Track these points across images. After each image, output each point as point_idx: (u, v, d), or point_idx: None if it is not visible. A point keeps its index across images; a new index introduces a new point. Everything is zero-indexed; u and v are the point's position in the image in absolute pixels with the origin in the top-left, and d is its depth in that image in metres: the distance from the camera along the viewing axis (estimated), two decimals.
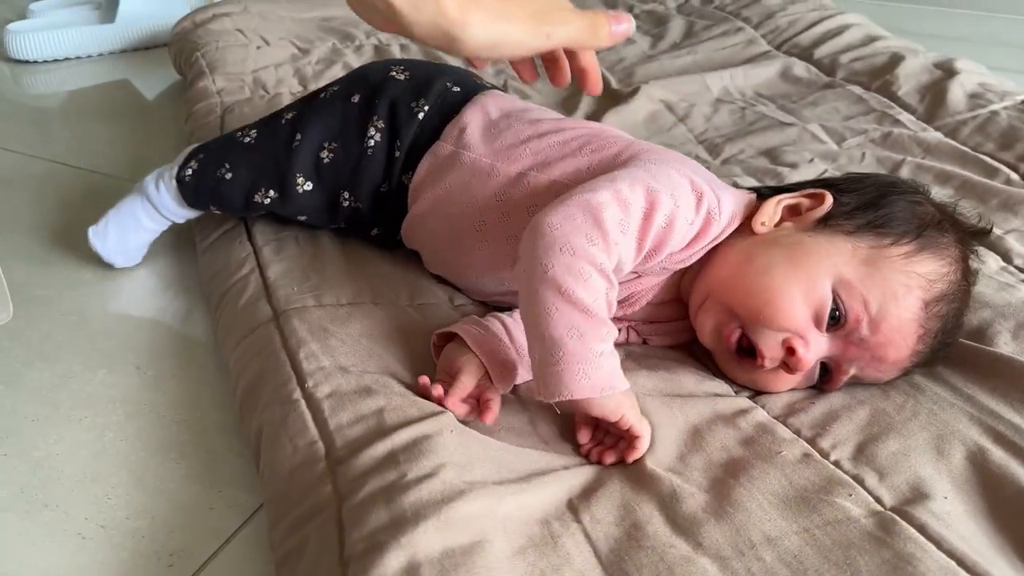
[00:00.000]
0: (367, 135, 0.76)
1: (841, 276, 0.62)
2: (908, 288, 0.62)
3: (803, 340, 0.62)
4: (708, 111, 1.14)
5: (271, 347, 0.68)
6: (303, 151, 0.77)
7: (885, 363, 0.63)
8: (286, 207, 0.78)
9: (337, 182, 0.77)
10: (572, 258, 0.57)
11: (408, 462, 0.54)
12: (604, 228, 0.59)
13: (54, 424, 0.70)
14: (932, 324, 0.62)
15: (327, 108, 0.79)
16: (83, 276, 0.90)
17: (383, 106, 0.76)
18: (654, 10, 1.52)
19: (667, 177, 0.64)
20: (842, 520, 0.53)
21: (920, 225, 0.64)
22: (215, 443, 0.69)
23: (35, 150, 1.19)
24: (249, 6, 1.42)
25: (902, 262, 0.62)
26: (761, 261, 0.64)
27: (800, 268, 0.63)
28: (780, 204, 0.68)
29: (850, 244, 0.63)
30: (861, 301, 0.61)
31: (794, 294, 0.62)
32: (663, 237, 0.62)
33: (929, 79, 1.18)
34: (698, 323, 0.67)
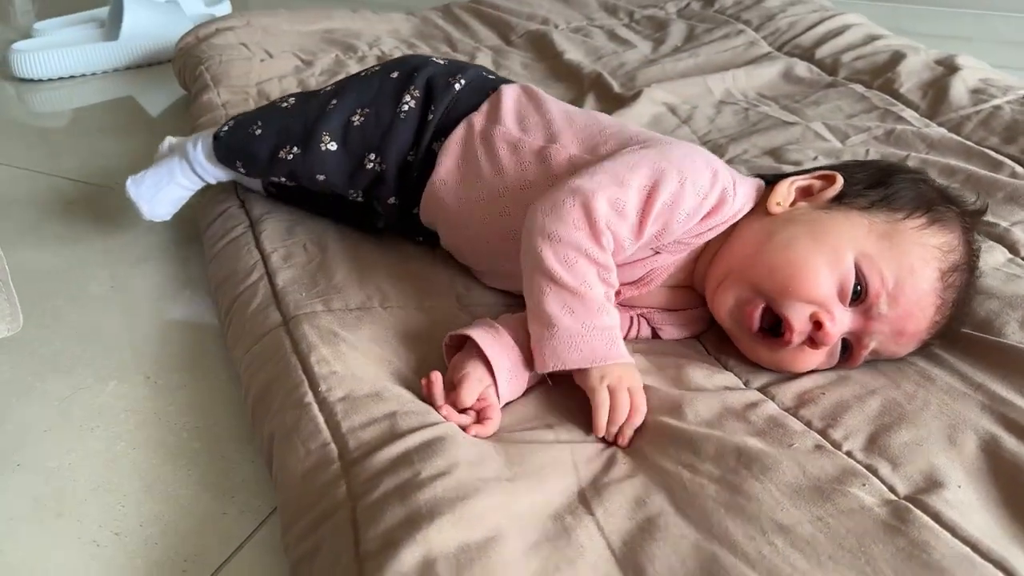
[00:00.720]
0: (402, 101, 0.79)
1: (862, 250, 0.63)
2: (925, 260, 0.63)
3: (830, 314, 0.63)
4: (711, 112, 1.15)
5: (281, 352, 0.68)
6: (335, 114, 0.79)
7: (904, 335, 0.64)
8: (306, 164, 0.79)
9: (364, 145, 0.79)
10: (559, 245, 0.62)
11: (422, 461, 0.54)
12: (592, 215, 0.63)
13: (67, 434, 0.71)
14: (948, 294, 0.64)
15: (366, 81, 0.82)
16: (92, 289, 0.90)
17: (421, 79, 0.80)
18: (655, 15, 1.53)
19: (679, 156, 0.67)
20: (856, 509, 0.53)
21: (927, 201, 0.66)
22: (227, 450, 0.69)
23: (42, 167, 1.19)
24: (252, 20, 1.43)
25: (917, 235, 0.64)
26: (782, 236, 0.66)
27: (822, 242, 0.64)
28: (793, 185, 0.69)
29: (866, 219, 0.65)
30: (880, 275, 0.63)
31: (820, 265, 0.63)
32: (670, 213, 0.65)
33: (931, 76, 1.18)
34: (718, 302, 0.68)
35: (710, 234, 0.69)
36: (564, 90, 1.24)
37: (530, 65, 1.35)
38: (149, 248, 0.98)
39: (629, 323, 0.72)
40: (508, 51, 1.41)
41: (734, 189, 0.68)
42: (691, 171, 0.66)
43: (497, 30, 1.49)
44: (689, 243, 0.69)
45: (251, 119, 0.84)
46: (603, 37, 1.44)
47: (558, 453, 0.58)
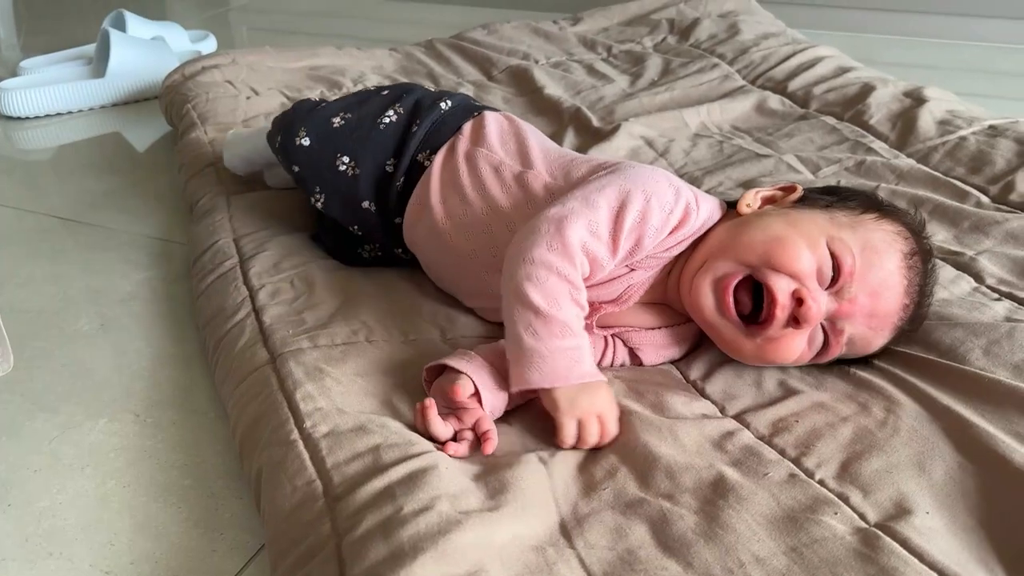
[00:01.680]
0: (384, 114, 0.85)
1: (831, 234, 0.67)
2: (887, 243, 0.68)
3: (810, 291, 0.66)
4: (687, 145, 1.17)
5: (268, 390, 0.70)
6: (319, 114, 0.86)
7: (876, 317, 0.67)
8: (284, 153, 0.87)
9: (337, 146, 0.84)
10: (532, 266, 0.65)
11: (404, 496, 0.55)
12: (566, 236, 0.66)
13: (56, 474, 0.72)
14: (912, 276, 0.68)
15: (359, 94, 0.91)
16: (81, 327, 0.92)
17: (408, 99, 0.87)
18: (632, 49, 1.56)
19: (643, 177, 0.71)
20: (828, 538, 0.55)
21: (876, 203, 0.72)
22: (215, 487, 0.70)
23: (29, 205, 1.21)
24: (238, 58, 1.45)
25: (874, 223, 0.69)
26: (759, 223, 0.71)
27: (795, 227, 0.69)
28: (758, 194, 0.74)
29: (828, 215, 0.70)
30: (851, 254, 0.66)
31: (799, 242, 0.67)
32: (640, 231, 0.68)
33: (899, 108, 1.21)
34: (696, 287, 0.69)
35: (679, 248, 0.72)
36: (545, 124, 1.27)
37: (511, 99, 1.38)
38: (137, 285, 0.99)
39: (605, 345, 0.74)
40: (490, 86, 1.44)
41: (696, 203, 0.72)
42: (655, 189, 0.70)
43: (479, 65, 1.52)
44: (661, 257, 0.73)
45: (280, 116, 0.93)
46: (582, 72, 1.47)
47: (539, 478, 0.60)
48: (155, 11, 2.28)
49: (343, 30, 2.09)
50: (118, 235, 1.11)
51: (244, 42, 2.06)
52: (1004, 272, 0.85)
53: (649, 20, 1.71)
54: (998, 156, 1.05)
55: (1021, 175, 1.01)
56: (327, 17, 2.22)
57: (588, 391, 0.64)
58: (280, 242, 0.93)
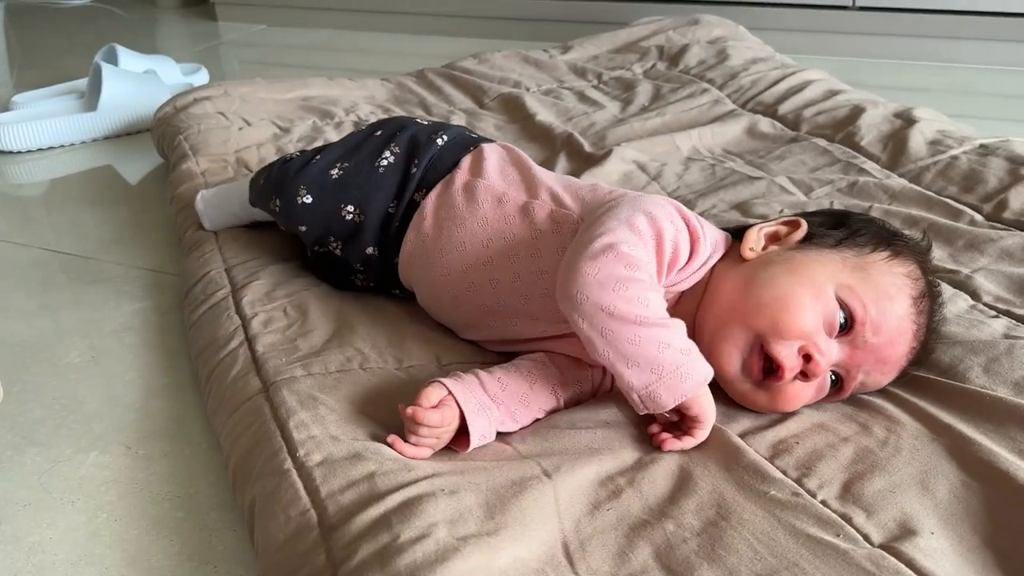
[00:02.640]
0: (381, 156, 0.84)
1: (841, 281, 0.66)
2: (898, 288, 0.67)
3: (817, 346, 0.65)
4: (679, 169, 1.18)
5: (261, 419, 0.69)
6: (315, 168, 0.85)
7: (887, 364, 0.67)
8: (288, 215, 0.85)
9: (341, 197, 0.82)
10: (624, 289, 0.62)
11: (401, 524, 0.54)
12: (633, 257, 0.64)
13: (47, 508, 0.70)
14: (921, 319, 0.68)
15: (351, 139, 0.89)
16: (72, 360, 0.91)
17: (403, 137, 0.85)
18: (622, 76, 1.57)
19: (660, 205, 0.70)
20: (832, 556, 0.54)
21: (885, 237, 0.71)
22: (209, 519, 0.69)
23: (21, 238, 1.20)
24: (229, 89, 1.46)
25: (885, 265, 0.68)
26: (763, 276, 0.68)
27: (802, 277, 0.67)
28: (762, 231, 0.73)
29: (837, 255, 0.69)
30: (862, 304, 0.65)
31: (803, 300, 0.66)
32: (673, 259, 0.68)
33: (890, 128, 1.22)
34: (717, 351, 0.68)
35: (685, 283, 0.71)
36: (537, 150, 1.27)
37: (503, 127, 1.38)
38: (129, 317, 0.98)
39: (604, 372, 0.74)
40: (481, 114, 1.44)
41: (703, 233, 0.71)
42: (676, 219, 0.69)
43: (470, 94, 1.52)
44: (667, 289, 0.71)
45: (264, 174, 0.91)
46: (573, 99, 1.48)
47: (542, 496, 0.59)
48: (147, 45, 2.29)
49: (335, 63, 2.10)
50: (110, 267, 1.11)
51: (236, 75, 2.07)
52: (1000, 289, 0.85)
53: (638, 47, 1.72)
54: (990, 175, 1.06)
55: (1014, 193, 1.01)
56: (318, 50, 2.23)
57: None
58: (271, 271, 0.92)
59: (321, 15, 2.39)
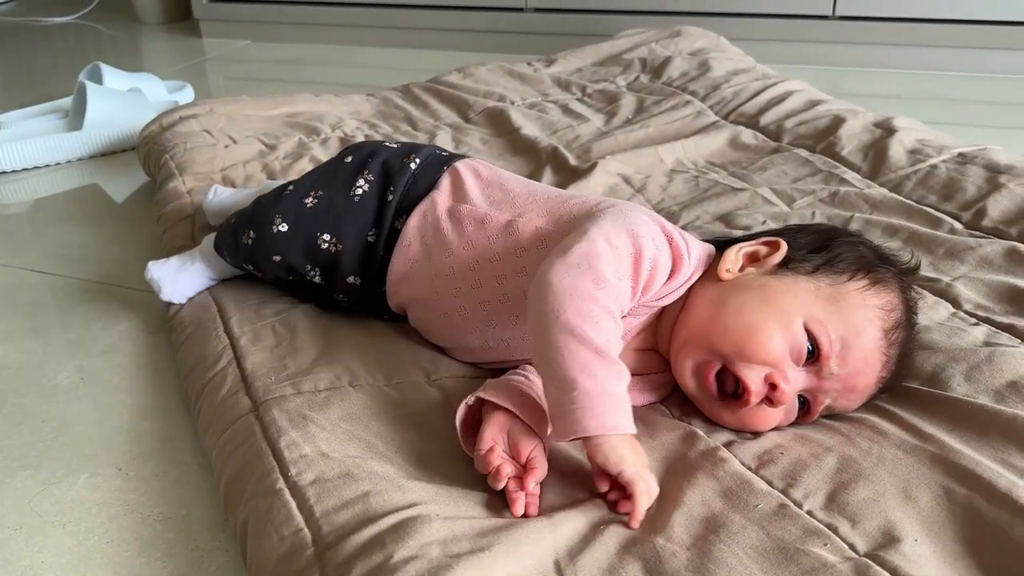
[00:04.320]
0: (355, 185, 0.84)
1: (810, 314, 0.67)
2: (869, 320, 0.67)
3: (783, 375, 0.66)
4: (663, 181, 1.19)
5: (252, 439, 0.69)
6: (288, 198, 0.84)
7: (856, 392, 0.68)
8: (261, 246, 0.84)
9: (317, 226, 0.82)
10: (582, 302, 0.63)
11: (394, 543, 0.55)
12: (605, 276, 0.64)
13: (38, 531, 0.70)
14: (892, 351, 0.68)
15: (322, 167, 0.89)
16: (60, 382, 0.91)
17: (375, 163, 0.85)
18: (606, 89, 1.59)
19: (643, 223, 0.70)
20: (819, 568, 0.55)
21: (866, 263, 0.70)
22: (200, 539, 0.69)
23: (6, 259, 1.20)
24: (215, 107, 1.46)
25: (859, 296, 0.68)
26: (734, 302, 0.69)
27: (773, 307, 0.67)
28: (740, 252, 0.73)
29: (812, 283, 0.69)
30: (829, 336, 0.66)
31: (771, 329, 0.66)
32: (651, 278, 0.68)
33: (870, 138, 1.23)
34: (678, 366, 0.70)
35: (669, 298, 0.72)
36: (522, 164, 1.28)
37: (489, 141, 1.39)
38: (117, 338, 0.98)
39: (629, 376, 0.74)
40: (467, 128, 1.45)
41: (687, 249, 0.71)
42: (658, 237, 0.70)
43: (456, 108, 1.53)
44: (651, 306, 0.72)
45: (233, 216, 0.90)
46: (558, 112, 1.49)
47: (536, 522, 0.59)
48: (131, 62, 2.29)
49: (320, 77, 2.11)
50: (97, 287, 1.11)
51: (221, 91, 2.07)
52: (980, 297, 0.86)
53: (621, 60, 1.73)
54: (969, 183, 1.07)
55: (992, 201, 1.03)
56: (303, 65, 2.24)
57: (633, 444, 0.61)
58: (258, 289, 0.93)
59: (305, 30, 2.39)
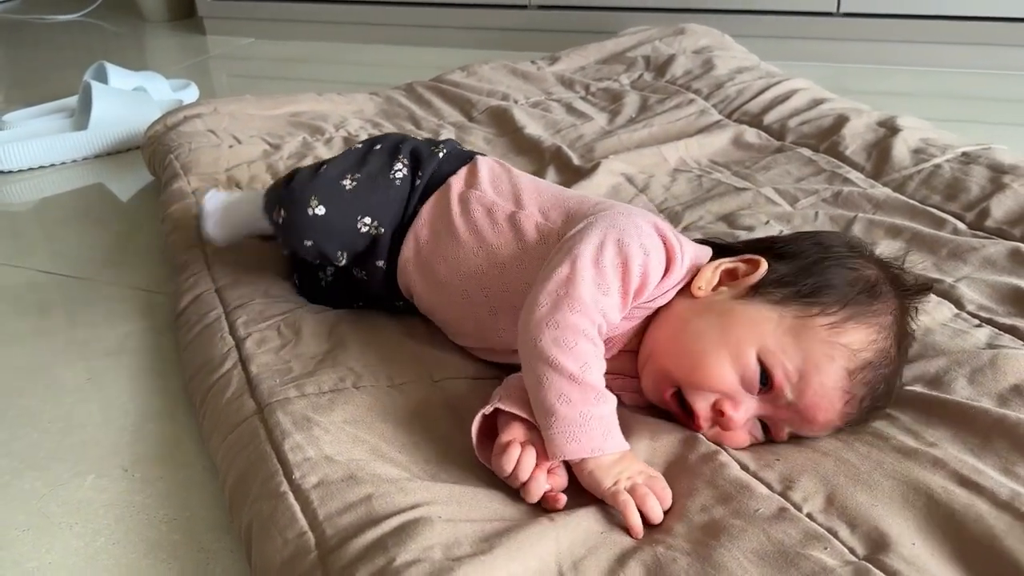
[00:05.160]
0: (393, 169, 0.83)
1: (764, 345, 0.65)
2: (830, 357, 0.64)
3: (732, 402, 0.66)
4: (667, 181, 1.19)
5: (256, 441, 0.70)
6: (323, 178, 0.82)
7: (815, 424, 0.66)
8: (294, 227, 0.81)
9: (356, 208, 0.81)
10: (557, 330, 0.64)
11: (396, 546, 0.55)
12: (583, 298, 0.66)
13: (45, 533, 0.71)
14: (858, 390, 0.65)
15: (351, 154, 0.86)
16: (67, 383, 0.91)
17: (406, 149, 0.85)
18: (609, 87, 1.59)
19: (635, 227, 0.70)
20: (819, 572, 0.55)
21: (850, 292, 0.67)
22: (206, 541, 0.70)
23: (12, 260, 1.21)
24: (219, 107, 1.46)
25: (826, 332, 0.65)
26: (694, 326, 0.69)
27: (728, 335, 0.67)
28: (718, 269, 0.72)
29: (775, 313, 0.67)
30: (783, 369, 0.65)
31: (722, 359, 0.66)
32: (642, 284, 0.69)
33: (874, 137, 1.23)
34: (642, 382, 0.72)
35: (663, 299, 0.72)
36: (526, 163, 1.28)
37: (492, 140, 1.39)
38: (123, 339, 0.99)
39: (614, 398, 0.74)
40: (470, 127, 1.45)
41: (681, 252, 0.71)
42: (649, 242, 0.70)
43: (459, 107, 1.54)
44: (646, 307, 0.72)
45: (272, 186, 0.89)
46: (561, 111, 1.49)
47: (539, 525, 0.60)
48: (135, 59, 2.30)
49: (323, 75, 2.11)
50: (103, 287, 1.11)
51: (225, 89, 2.08)
52: (983, 298, 0.86)
53: (625, 58, 1.73)
54: (972, 183, 1.07)
55: (996, 201, 1.02)
56: (306, 63, 2.24)
57: (624, 461, 0.63)
58: (263, 289, 0.93)
59: (309, 28, 2.40)
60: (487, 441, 0.67)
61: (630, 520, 0.60)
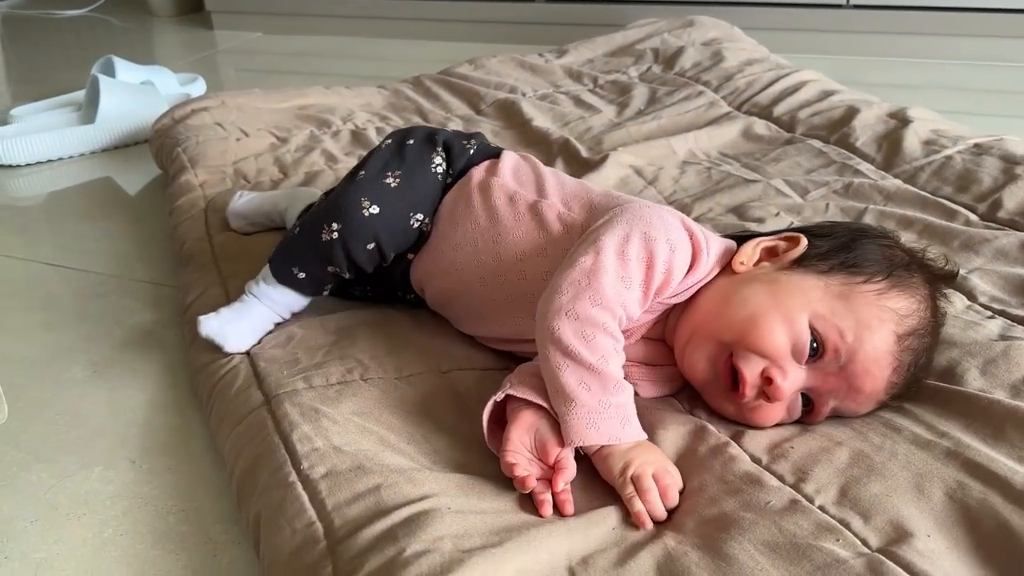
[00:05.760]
0: (433, 163, 0.83)
1: (816, 311, 0.66)
2: (881, 320, 0.65)
3: (781, 370, 0.65)
4: (676, 173, 1.18)
5: (264, 432, 0.70)
6: (365, 180, 0.80)
7: (862, 394, 0.66)
8: (353, 235, 0.77)
9: (407, 205, 0.80)
10: (577, 322, 0.64)
11: (406, 537, 0.55)
12: (606, 291, 0.65)
13: (53, 524, 0.71)
14: (905, 357, 0.66)
15: (384, 150, 0.84)
16: (74, 375, 0.91)
17: (439, 142, 0.84)
18: (618, 80, 1.58)
19: (661, 220, 0.70)
20: (831, 564, 0.54)
21: (890, 266, 0.68)
22: (214, 532, 0.69)
23: (21, 253, 1.21)
24: (227, 100, 1.46)
25: (874, 297, 0.66)
26: (741, 295, 0.68)
27: (778, 301, 0.67)
28: (759, 246, 0.72)
29: (822, 282, 0.67)
30: (837, 332, 0.65)
31: (774, 322, 0.66)
32: (666, 280, 0.68)
33: (885, 129, 1.22)
34: (688, 361, 0.70)
35: (686, 294, 0.71)
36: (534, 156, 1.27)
37: (500, 133, 1.39)
38: (130, 331, 0.99)
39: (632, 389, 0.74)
40: (478, 120, 1.45)
41: (707, 247, 0.71)
42: (676, 237, 0.69)
43: (467, 100, 1.53)
44: (668, 303, 0.72)
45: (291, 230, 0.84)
46: (569, 103, 1.48)
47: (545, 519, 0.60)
48: (143, 54, 2.30)
49: (331, 69, 2.11)
50: (110, 280, 1.11)
51: (233, 84, 2.08)
52: (996, 290, 0.85)
53: (633, 50, 1.73)
54: (984, 174, 1.06)
55: (1008, 192, 1.02)
56: (314, 57, 2.24)
57: (638, 448, 0.63)
58: None
59: (316, 22, 2.39)
60: (498, 430, 0.67)
61: (633, 509, 0.60)
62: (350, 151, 1.31)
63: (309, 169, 1.24)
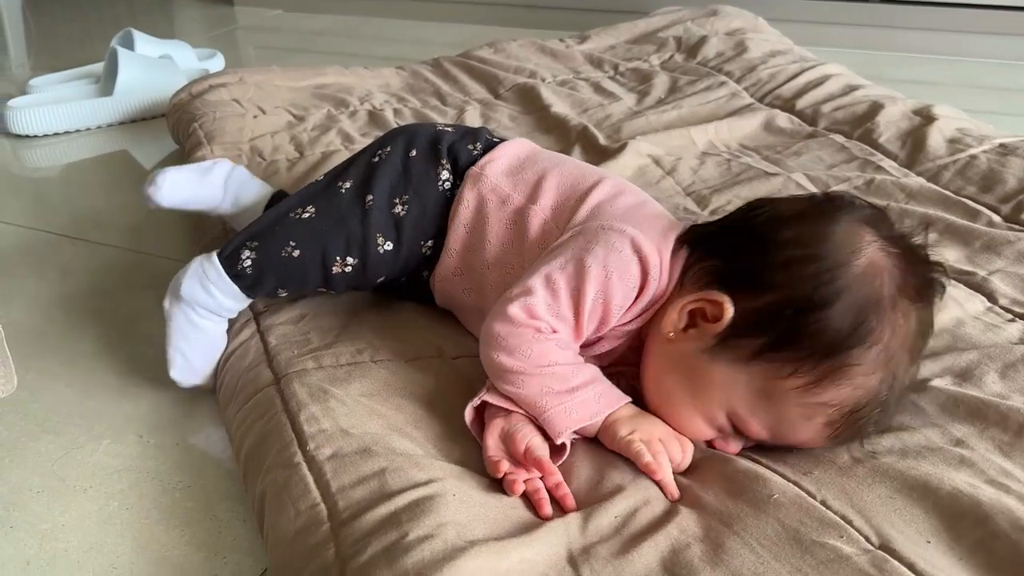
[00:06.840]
0: (440, 178, 0.79)
1: (734, 409, 0.63)
2: (807, 418, 0.61)
3: (720, 441, 0.66)
4: (695, 164, 1.17)
5: (272, 411, 0.70)
6: (376, 210, 0.76)
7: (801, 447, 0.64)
8: (367, 271, 0.77)
9: (419, 234, 0.78)
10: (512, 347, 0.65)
11: (410, 522, 0.55)
12: (538, 320, 0.66)
13: (60, 495, 0.71)
14: (842, 432, 0.62)
15: (387, 167, 0.79)
16: (85, 348, 0.91)
17: (444, 150, 0.80)
18: (639, 67, 1.56)
19: (606, 244, 0.67)
20: (834, 559, 0.54)
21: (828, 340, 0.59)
22: (218, 509, 0.69)
23: (36, 223, 1.21)
24: (245, 76, 1.46)
25: (800, 394, 0.60)
26: (666, 386, 0.67)
27: (696, 398, 0.64)
28: (684, 310, 0.65)
29: (744, 375, 0.62)
30: (756, 427, 0.63)
31: (695, 418, 0.65)
32: (604, 309, 0.66)
33: (909, 126, 1.20)
34: None
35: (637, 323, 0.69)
36: (551, 142, 1.26)
37: (518, 118, 1.37)
38: (141, 307, 0.99)
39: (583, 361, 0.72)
40: (496, 104, 1.44)
41: (659, 268, 0.67)
42: (617, 263, 0.66)
43: (486, 84, 1.52)
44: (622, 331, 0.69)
45: (275, 242, 0.76)
46: (589, 90, 1.47)
47: None
48: (163, 30, 2.29)
49: (350, 48, 2.10)
50: (124, 254, 1.11)
51: (251, 61, 2.07)
52: (1017, 292, 0.84)
53: (656, 38, 1.70)
54: (1009, 175, 1.04)
55: None
56: (334, 36, 2.23)
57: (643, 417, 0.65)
58: None
59: (337, 1, 2.38)
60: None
61: (643, 460, 0.61)
62: (367, 131, 1.30)
63: (325, 148, 1.23)
